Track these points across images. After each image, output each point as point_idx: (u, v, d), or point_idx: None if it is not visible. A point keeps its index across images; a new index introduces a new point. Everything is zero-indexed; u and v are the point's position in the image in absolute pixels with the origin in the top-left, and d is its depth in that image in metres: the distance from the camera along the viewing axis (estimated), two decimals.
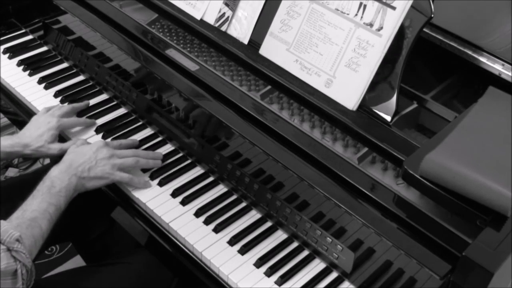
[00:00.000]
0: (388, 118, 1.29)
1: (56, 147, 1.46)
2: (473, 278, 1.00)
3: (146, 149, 1.49)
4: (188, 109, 1.45)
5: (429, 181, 1.07)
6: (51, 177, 1.31)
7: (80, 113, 1.59)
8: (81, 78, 1.72)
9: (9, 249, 1.10)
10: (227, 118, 1.37)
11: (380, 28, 1.28)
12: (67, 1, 1.71)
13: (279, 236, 1.32)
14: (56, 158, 1.49)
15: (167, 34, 1.59)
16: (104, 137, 1.52)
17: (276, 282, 1.22)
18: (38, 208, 1.24)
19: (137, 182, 1.38)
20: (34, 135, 1.46)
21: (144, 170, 1.43)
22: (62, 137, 1.53)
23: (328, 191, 1.22)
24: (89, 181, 1.34)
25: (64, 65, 1.76)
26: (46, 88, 1.68)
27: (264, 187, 1.32)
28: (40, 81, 1.69)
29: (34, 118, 1.51)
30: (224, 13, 1.52)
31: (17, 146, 1.44)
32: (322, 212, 1.25)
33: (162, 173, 1.43)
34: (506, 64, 1.35)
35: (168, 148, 1.51)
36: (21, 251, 1.11)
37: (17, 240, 1.11)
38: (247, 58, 1.45)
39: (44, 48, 1.83)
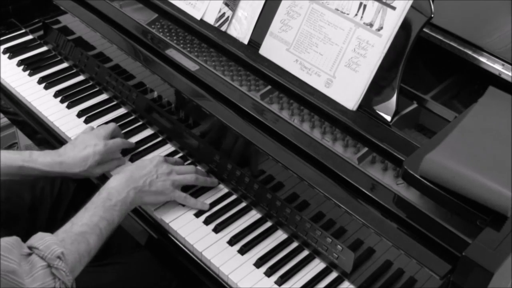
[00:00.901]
0: (388, 118, 1.29)
1: (98, 171, 1.40)
2: (473, 278, 1.00)
3: (146, 149, 1.49)
4: (188, 109, 1.46)
5: (429, 181, 1.07)
6: (108, 188, 1.26)
7: (80, 114, 1.59)
8: (81, 78, 1.72)
9: (49, 265, 1.07)
10: (227, 118, 1.37)
11: (380, 28, 1.28)
12: (67, 1, 1.71)
13: (279, 236, 1.32)
14: None
15: (167, 34, 1.59)
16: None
17: (276, 282, 1.22)
18: (89, 222, 1.19)
19: (193, 203, 1.34)
20: (78, 157, 1.36)
21: None
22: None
23: (328, 191, 1.22)
24: (149, 195, 1.30)
25: (64, 65, 1.76)
26: (46, 88, 1.68)
27: (264, 187, 1.32)
28: (40, 81, 1.70)
29: (79, 137, 1.41)
30: (224, 13, 1.52)
31: (57, 167, 1.36)
32: (322, 212, 1.25)
33: None
34: (506, 64, 1.35)
35: (168, 148, 1.51)
36: (61, 268, 1.07)
37: (58, 257, 1.08)
38: (247, 58, 1.45)
39: (44, 48, 1.83)
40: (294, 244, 1.30)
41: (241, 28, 1.50)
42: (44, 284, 1.05)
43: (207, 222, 1.33)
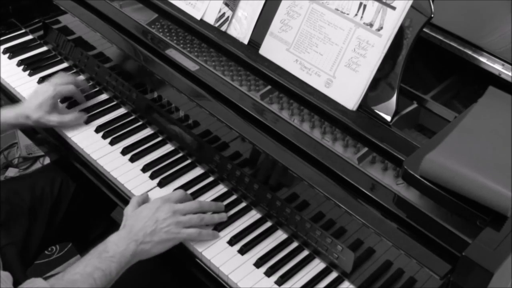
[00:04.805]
0: (388, 118, 1.29)
1: (55, 119, 1.50)
2: (473, 278, 1.00)
3: (146, 149, 1.49)
4: (187, 108, 1.45)
5: (429, 181, 1.07)
6: (107, 241, 1.21)
7: (80, 112, 1.59)
8: (81, 78, 1.72)
9: None
10: (227, 118, 1.37)
11: (380, 28, 1.28)
12: (67, 1, 1.71)
13: (279, 236, 1.32)
14: (58, 153, 1.48)
15: (167, 34, 1.59)
16: (104, 137, 1.52)
17: (276, 282, 1.22)
18: (82, 271, 1.14)
19: (205, 234, 1.28)
20: (33, 105, 1.49)
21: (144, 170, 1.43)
22: (55, 132, 1.53)
23: (328, 191, 1.22)
24: (155, 246, 1.22)
25: (64, 65, 1.76)
26: None
27: (264, 187, 1.32)
28: (40, 81, 1.69)
29: (34, 89, 1.55)
30: (224, 13, 1.52)
31: (21, 118, 1.48)
32: (322, 212, 1.25)
33: (161, 173, 1.42)
34: (506, 64, 1.35)
35: (168, 148, 1.50)
36: None
37: None
38: (247, 58, 1.45)
39: (44, 48, 1.83)
40: (294, 244, 1.30)
41: (241, 28, 1.50)
42: None
43: None
